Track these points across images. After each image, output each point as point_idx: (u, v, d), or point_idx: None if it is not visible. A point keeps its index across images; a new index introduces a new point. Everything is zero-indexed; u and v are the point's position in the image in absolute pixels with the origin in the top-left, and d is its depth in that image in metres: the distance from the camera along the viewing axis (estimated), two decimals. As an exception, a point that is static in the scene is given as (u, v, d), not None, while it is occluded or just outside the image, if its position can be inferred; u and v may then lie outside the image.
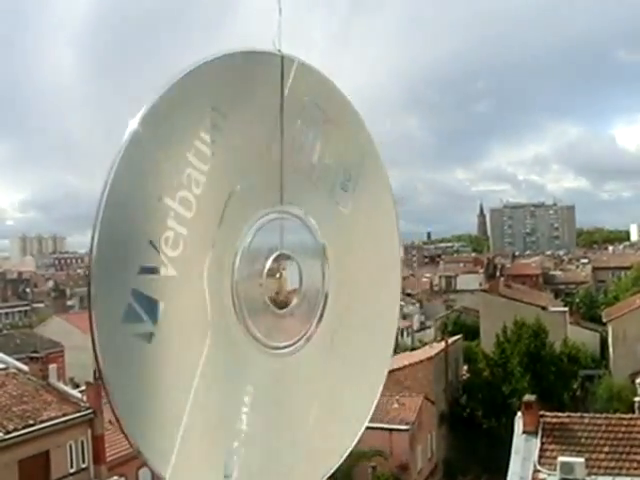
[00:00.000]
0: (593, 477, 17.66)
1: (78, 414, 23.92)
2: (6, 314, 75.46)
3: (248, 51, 1.47)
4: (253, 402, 1.49)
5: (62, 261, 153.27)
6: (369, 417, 1.78)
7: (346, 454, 1.77)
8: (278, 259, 1.51)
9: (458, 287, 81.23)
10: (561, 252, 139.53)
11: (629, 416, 21.35)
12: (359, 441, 1.80)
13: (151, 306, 1.37)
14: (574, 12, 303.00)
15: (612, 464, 18.33)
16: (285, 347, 1.53)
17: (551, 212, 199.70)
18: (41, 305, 76.11)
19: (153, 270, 1.37)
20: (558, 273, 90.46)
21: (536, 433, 19.36)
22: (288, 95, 1.50)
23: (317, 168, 1.63)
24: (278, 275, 1.51)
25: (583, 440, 19.14)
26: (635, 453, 18.52)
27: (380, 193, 1.82)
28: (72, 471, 23.72)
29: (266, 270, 1.50)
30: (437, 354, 37.17)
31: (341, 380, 1.73)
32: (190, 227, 1.43)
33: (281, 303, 1.51)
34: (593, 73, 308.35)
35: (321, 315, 1.57)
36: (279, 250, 1.52)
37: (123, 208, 1.38)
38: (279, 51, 1.49)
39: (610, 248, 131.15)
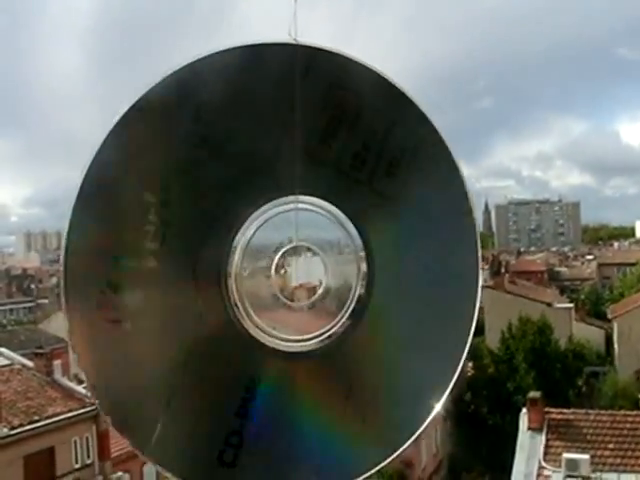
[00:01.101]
0: (598, 474, 17.64)
1: (83, 410, 23.97)
2: (10, 310, 75.71)
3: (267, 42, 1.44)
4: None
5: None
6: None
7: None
8: (287, 254, 1.47)
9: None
10: (566, 248, 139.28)
11: (634, 413, 21.30)
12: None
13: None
14: (577, 8, 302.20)
15: (617, 461, 18.30)
16: (298, 341, 1.47)
17: (556, 208, 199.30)
18: (46, 301, 76.40)
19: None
20: (563, 269, 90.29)
21: (541, 430, 19.35)
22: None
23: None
24: (282, 271, 1.47)
25: (588, 437, 19.13)
26: (640, 450, 18.50)
27: (443, 176, 1.51)
28: (77, 467, 23.79)
29: (274, 265, 1.46)
30: (442, 350, 37.09)
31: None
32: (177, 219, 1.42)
33: (291, 297, 1.47)
34: (596, 69, 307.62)
35: (353, 312, 1.48)
36: (289, 244, 1.47)
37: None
38: (295, 40, 1.44)
39: (615, 244, 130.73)
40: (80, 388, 25.85)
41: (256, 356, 1.46)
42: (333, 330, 1.46)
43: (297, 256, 1.47)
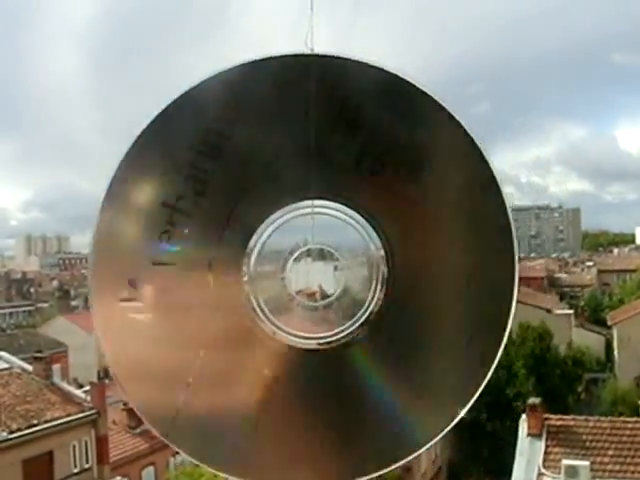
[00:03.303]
0: (598, 480, 17.61)
1: (82, 414, 23.94)
2: (10, 314, 75.63)
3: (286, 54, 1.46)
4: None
5: (66, 261, 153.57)
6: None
7: None
8: (302, 256, 1.48)
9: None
10: (566, 255, 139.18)
11: (634, 419, 21.25)
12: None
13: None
14: (576, 14, 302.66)
15: (617, 467, 18.26)
16: (310, 339, 1.48)
17: (556, 215, 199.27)
18: (45, 305, 76.30)
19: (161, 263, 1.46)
20: (563, 276, 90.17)
21: (540, 436, 19.30)
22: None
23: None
24: (281, 277, 1.49)
25: (588, 443, 19.08)
26: (640, 457, 18.46)
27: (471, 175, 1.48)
28: (75, 471, 23.73)
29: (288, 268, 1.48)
30: (441, 356, 37.03)
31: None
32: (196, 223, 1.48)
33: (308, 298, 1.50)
34: (594, 75, 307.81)
35: (368, 318, 1.48)
36: (304, 247, 1.48)
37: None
38: (312, 50, 1.45)
39: (615, 251, 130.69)
40: (79, 392, 25.83)
41: (271, 351, 1.48)
42: (343, 334, 1.48)
43: (312, 259, 1.49)
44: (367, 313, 1.45)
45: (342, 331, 1.46)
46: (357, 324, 1.46)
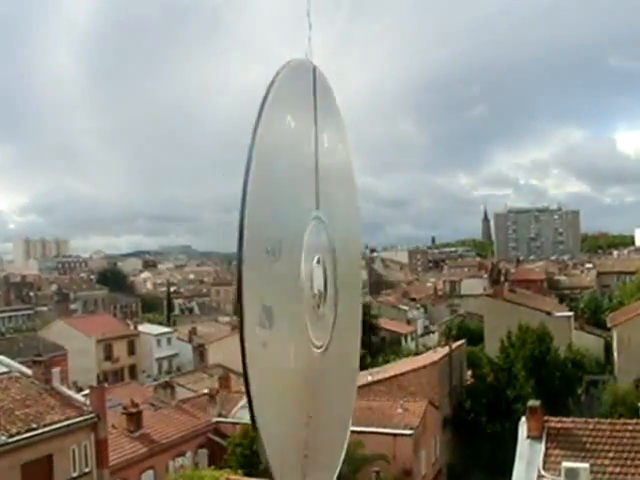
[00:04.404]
0: (598, 483, 17.56)
1: (81, 418, 23.88)
2: (9, 318, 75.52)
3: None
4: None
5: (65, 264, 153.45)
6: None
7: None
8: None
9: (462, 292, 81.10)
10: (565, 257, 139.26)
11: (634, 421, 21.21)
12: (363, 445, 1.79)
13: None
14: (574, 17, 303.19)
15: (617, 469, 18.21)
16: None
17: (555, 217, 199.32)
18: (44, 309, 76.26)
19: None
20: (562, 278, 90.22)
21: (540, 438, 19.26)
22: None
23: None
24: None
25: (588, 445, 19.03)
26: (640, 459, 18.41)
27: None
28: (75, 475, 23.66)
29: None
30: (441, 359, 37.05)
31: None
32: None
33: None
34: (592, 77, 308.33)
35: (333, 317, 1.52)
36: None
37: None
38: (311, 63, 1.49)
39: (615, 253, 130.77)
40: (78, 396, 25.78)
41: None
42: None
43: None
44: None
45: None
46: None
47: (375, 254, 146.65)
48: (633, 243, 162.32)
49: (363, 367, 33.98)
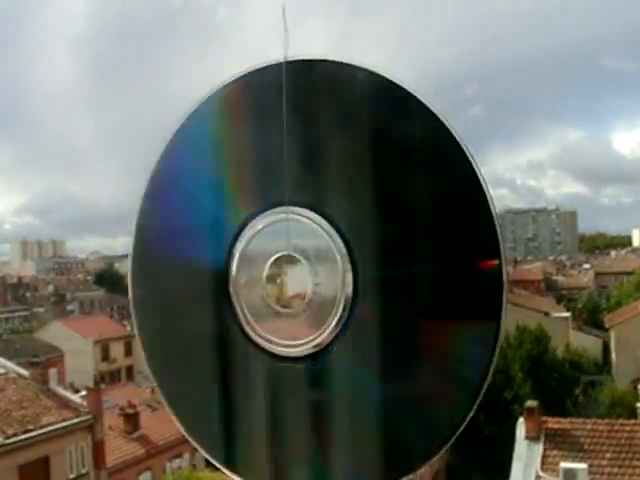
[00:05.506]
0: (596, 483, 17.58)
1: (78, 419, 23.87)
2: (6, 319, 75.44)
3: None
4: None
5: (62, 265, 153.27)
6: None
7: None
8: (279, 262, 1.45)
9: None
10: (563, 257, 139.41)
11: (632, 422, 21.26)
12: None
13: None
14: (570, 17, 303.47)
15: (615, 470, 18.24)
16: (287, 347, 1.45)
17: (553, 217, 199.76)
18: (41, 310, 76.16)
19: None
20: (560, 278, 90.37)
21: (538, 439, 19.28)
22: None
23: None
24: (276, 279, 1.45)
25: (586, 446, 19.06)
26: (638, 459, 18.43)
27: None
28: (72, 477, 23.65)
29: (265, 275, 1.45)
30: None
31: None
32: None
33: (285, 305, 1.46)
34: (588, 78, 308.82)
35: (338, 323, 1.45)
36: (280, 253, 1.45)
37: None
38: (285, 57, 1.45)
39: (612, 253, 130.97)
40: (75, 397, 25.75)
41: (252, 357, 1.45)
42: (320, 339, 1.44)
43: (292, 264, 1.45)
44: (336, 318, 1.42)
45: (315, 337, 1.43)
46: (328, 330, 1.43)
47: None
48: (630, 243, 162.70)
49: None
